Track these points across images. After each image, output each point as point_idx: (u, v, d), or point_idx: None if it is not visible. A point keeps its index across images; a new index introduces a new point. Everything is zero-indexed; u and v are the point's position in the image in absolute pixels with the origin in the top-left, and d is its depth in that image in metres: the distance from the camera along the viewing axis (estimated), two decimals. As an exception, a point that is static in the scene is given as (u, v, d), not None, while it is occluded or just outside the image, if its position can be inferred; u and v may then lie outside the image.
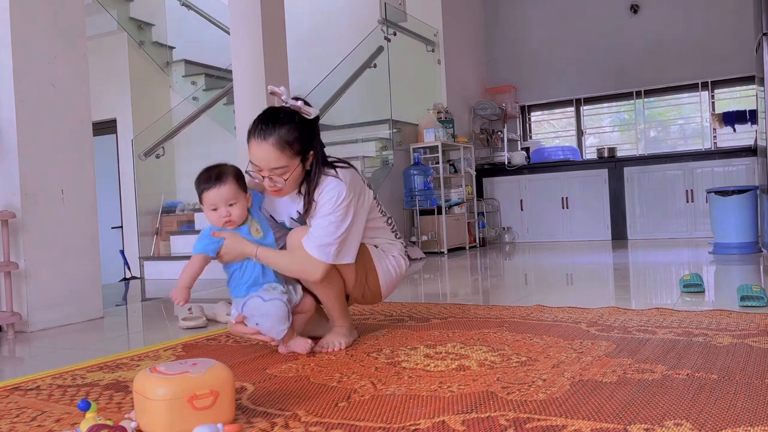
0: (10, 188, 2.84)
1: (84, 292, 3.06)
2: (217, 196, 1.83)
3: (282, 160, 1.81)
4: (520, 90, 7.68)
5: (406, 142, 6.24)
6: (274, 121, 1.82)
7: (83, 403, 1.29)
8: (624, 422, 1.20)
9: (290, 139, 1.81)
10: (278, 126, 1.81)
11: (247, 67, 4.29)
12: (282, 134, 1.80)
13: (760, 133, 4.83)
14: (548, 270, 4.31)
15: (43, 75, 2.96)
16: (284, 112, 1.85)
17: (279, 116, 1.83)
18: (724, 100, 6.87)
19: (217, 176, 1.84)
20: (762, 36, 4.29)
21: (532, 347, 1.87)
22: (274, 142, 1.80)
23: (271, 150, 1.80)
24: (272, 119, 1.82)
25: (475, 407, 1.33)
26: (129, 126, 6.37)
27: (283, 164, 1.82)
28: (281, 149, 1.80)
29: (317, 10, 7.43)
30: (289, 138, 1.81)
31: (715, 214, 4.69)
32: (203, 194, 1.86)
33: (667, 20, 6.93)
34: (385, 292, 2.10)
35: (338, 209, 1.86)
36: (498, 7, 7.83)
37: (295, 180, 1.87)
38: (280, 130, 1.81)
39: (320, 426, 1.27)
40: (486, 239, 6.92)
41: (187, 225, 6.04)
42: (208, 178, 1.85)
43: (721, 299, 2.65)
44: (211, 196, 1.83)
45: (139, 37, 6.56)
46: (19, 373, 1.98)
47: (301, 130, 1.83)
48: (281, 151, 1.80)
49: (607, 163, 6.76)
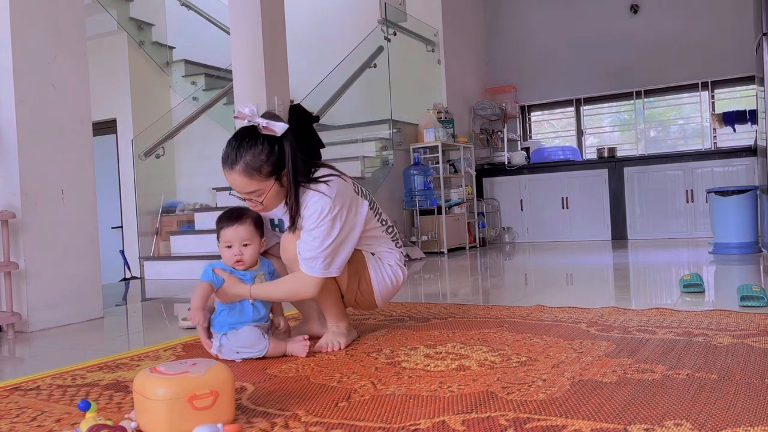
0: (10, 188, 2.84)
1: (84, 292, 3.06)
2: (233, 234, 1.89)
3: (252, 185, 1.83)
4: (520, 90, 7.68)
5: (406, 142, 6.24)
6: (239, 147, 1.82)
7: (83, 403, 1.29)
8: (624, 422, 1.20)
9: (257, 164, 1.81)
10: (243, 153, 1.81)
11: (247, 67, 4.29)
12: (248, 161, 1.80)
13: (760, 133, 4.83)
14: (548, 270, 4.31)
15: (43, 75, 2.95)
16: (249, 136, 1.83)
17: (244, 141, 1.82)
18: (724, 100, 6.87)
19: (237, 216, 1.91)
20: (762, 36, 4.29)
21: (532, 347, 1.87)
22: (240, 170, 1.81)
23: (239, 177, 1.82)
24: (238, 145, 1.82)
25: (475, 407, 1.33)
26: (129, 126, 6.37)
27: (255, 188, 1.83)
28: (249, 176, 1.81)
29: (317, 10, 7.43)
30: (255, 164, 1.81)
31: (715, 214, 4.69)
32: (221, 231, 1.92)
33: (667, 20, 6.93)
34: (380, 301, 2.09)
35: (322, 223, 1.84)
36: (498, 7, 7.83)
37: (273, 197, 1.88)
38: (245, 156, 1.80)
39: (320, 426, 1.27)
40: (486, 239, 6.92)
41: (187, 225, 6.04)
42: (229, 216, 1.92)
43: (721, 299, 2.65)
44: (228, 233, 1.90)
45: (139, 37, 6.56)
46: (19, 373, 1.98)
47: (269, 152, 1.82)
48: (250, 178, 1.81)
49: (607, 163, 6.76)
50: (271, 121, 1.82)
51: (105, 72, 6.26)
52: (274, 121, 1.82)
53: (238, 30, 4.34)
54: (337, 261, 1.90)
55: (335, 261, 1.89)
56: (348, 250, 1.94)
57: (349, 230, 1.92)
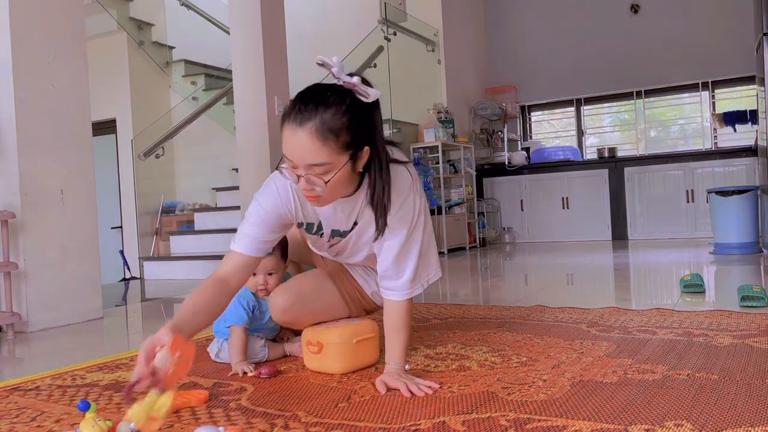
0: (10, 188, 2.84)
1: (84, 292, 3.06)
2: (259, 263, 1.79)
3: (323, 155, 1.35)
4: (520, 90, 7.68)
5: (406, 142, 6.24)
6: (318, 101, 1.36)
7: (83, 404, 1.29)
8: (624, 423, 1.19)
9: (336, 126, 1.35)
10: (322, 108, 1.35)
11: (247, 67, 4.29)
12: (326, 119, 1.34)
13: (761, 133, 4.83)
14: (548, 270, 4.31)
15: (43, 75, 2.95)
16: (333, 90, 1.39)
17: (325, 95, 1.37)
18: (725, 100, 6.87)
19: None
20: (762, 36, 4.29)
21: (533, 348, 1.86)
22: (313, 130, 1.34)
23: (308, 140, 1.34)
24: (315, 99, 1.37)
25: (475, 408, 1.33)
26: (129, 126, 6.37)
27: (324, 160, 1.36)
28: (323, 139, 1.34)
29: (317, 10, 7.42)
30: (334, 125, 1.35)
31: (716, 215, 4.69)
32: None
33: (667, 20, 6.93)
34: (379, 299, 1.89)
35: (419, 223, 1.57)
36: (498, 7, 7.83)
37: (340, 184, 1.42)
38: (323, 113, 1.35)
39: (320, 426, 1.27)
40: (486, 239, 6.91)
41: (186, 225, 6.04)
42: None
43: (722, 299, 2.65)
44: None
45: (139, 37, 6.56)
46: (18, 374, 1.98)
47: (353, 117, 1.37)
48: (322, 142, 1.34)
49: (607, 163, 6.75)
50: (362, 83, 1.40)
51: (105, 72, 6.25)
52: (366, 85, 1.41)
53: (238, 30, 4.34)
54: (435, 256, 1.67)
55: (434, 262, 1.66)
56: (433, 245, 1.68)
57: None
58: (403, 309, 1.60)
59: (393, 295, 1.60)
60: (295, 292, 1.77)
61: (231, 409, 1.42)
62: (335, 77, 1.41)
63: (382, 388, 1.49)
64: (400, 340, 1.59)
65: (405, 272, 1.58)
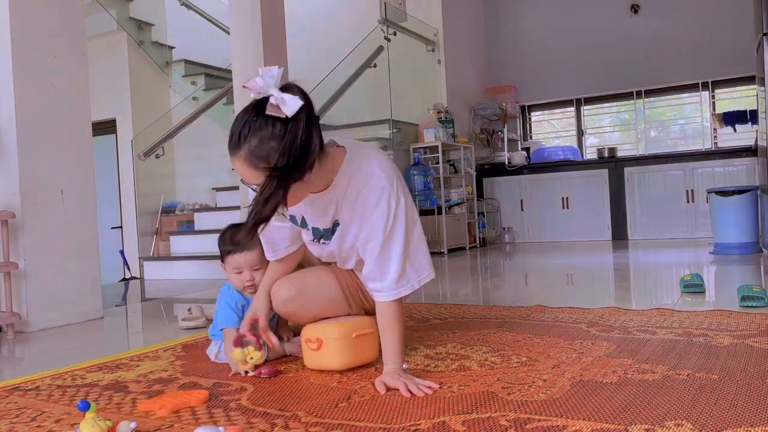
0: (10, 188, 2.84)
1: (84, 292, 3.06)
2: (243, 260, 1.82)
3: (260, 177, 1.39)
4: (520, 90, 7.67)
5: (406, 142, 6.24)
6: (246, 128, 1.38)
7: (83, 404, 1.29)
8: (624, 423, 1.19)
9: (263, 153, 1.36)
10: (250, 135, 1.37)
11: (247, 67, 4.29)
12: (252, 148, 1.36)
13: (761, 133, 4.83)
14: (548, 270, 4.31)
15: (43, 75, 2.95)
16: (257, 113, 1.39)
17: (253, 121, 1.38)
18: (725, 100, 6.87)
19: None
20: (762, 36, 4.28)
21: (533, 347, 1.86)
22: (243, 158, 1.38)
23: (243, 166, 1.39)
24: (244, 126, 1.39)
25: (475, 408, 1.33)
26: (129, 126, 6.36)
27: (263, 182, 1.39)
28: (254, 167, 1.38)
29: (317, 10, 7.42)
30: (261, 153, 1.36)
31: (716, 215, 4.69)
32: (228, 256, 1.84)
33: (667, 20, 6.93)
34: None
35: (395, 215, 1.57)
36: (498, 7, 7.83)
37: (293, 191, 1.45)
38: (251, 141, 1.37)
39: (320, 426, 1.27)
40: (486, 239, 6.91)
41: (186, 225, 6.04)
42: (237, 241, 1.82)
43: (722, 299, 2.65)
44: (237, 260, 1.83)
45: (139, 37, 6.55)
46: (18, 374, 1.98)
47: (281, 139, 1.37)
48: (255, 168, 1.38)
49: (607, 163, 6.75)
50: (285, 95, 1.37)
51: (105, 72, 6.25)
52: (288, 95, 1.38)
53: (238, 30, 4.33)
54: (426, 257, 1.65)
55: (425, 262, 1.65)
56: (422, 242, 1.65)
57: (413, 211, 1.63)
58: (392, 309, 1.61)
59: (380, 296, 1.62)
60: (297, 284, 1.79)
61: (231, 409, 1.42)
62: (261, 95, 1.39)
63: (381, 388, 1.49)
64: (394, 340, 1.60)
65: (389, 272, 1.59)
